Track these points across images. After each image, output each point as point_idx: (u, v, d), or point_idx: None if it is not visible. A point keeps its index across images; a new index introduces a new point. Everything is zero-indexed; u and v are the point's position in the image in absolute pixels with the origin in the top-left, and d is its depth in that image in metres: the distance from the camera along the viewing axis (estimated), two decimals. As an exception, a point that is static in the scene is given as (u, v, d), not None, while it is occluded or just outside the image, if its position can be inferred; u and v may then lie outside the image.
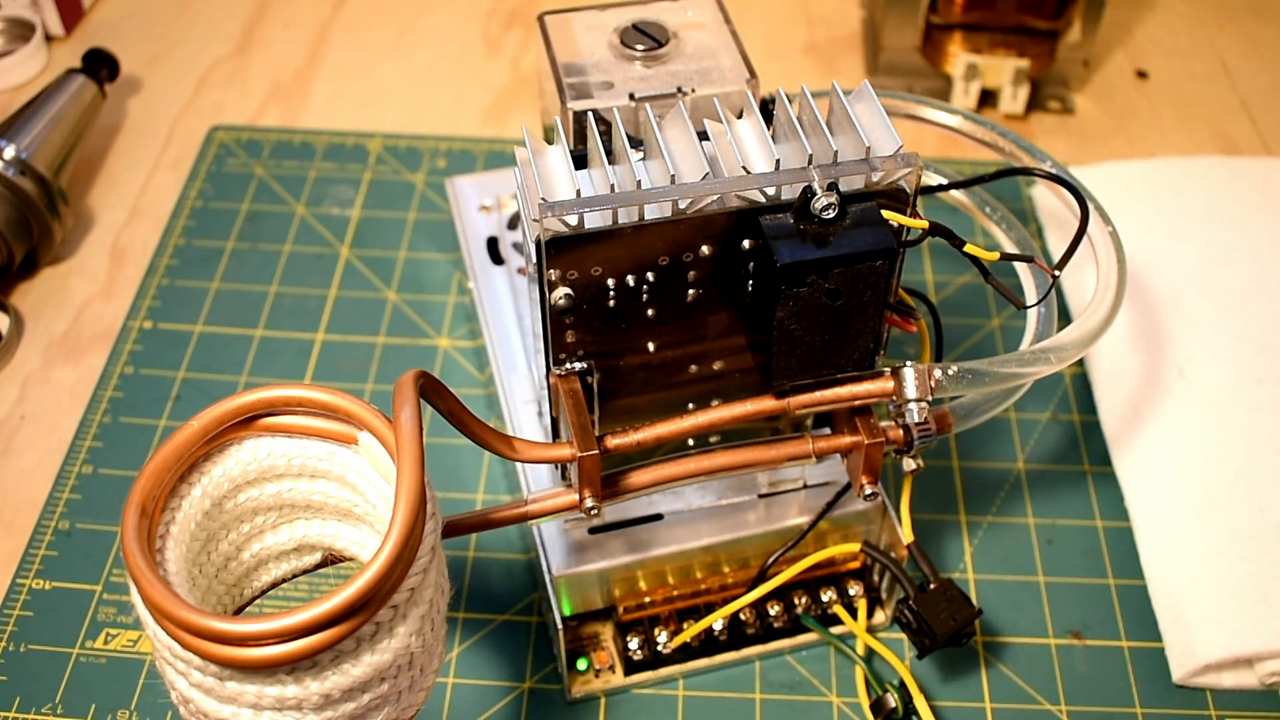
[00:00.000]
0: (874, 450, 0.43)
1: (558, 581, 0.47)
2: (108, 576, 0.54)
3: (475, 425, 0.38)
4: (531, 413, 0.53)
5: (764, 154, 0.40)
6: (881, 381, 0.42)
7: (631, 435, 0.42)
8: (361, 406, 0.34)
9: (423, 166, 0.73)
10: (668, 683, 0.51)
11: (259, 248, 0.68)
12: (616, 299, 0.40)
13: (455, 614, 0.53)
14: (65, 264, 0.68)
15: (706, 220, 0.39)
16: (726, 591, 0.51)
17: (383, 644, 0.32)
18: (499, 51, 0.82)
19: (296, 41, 0.83)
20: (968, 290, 0.66)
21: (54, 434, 0.60)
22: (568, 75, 0.43)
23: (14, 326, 0.64)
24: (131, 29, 0.83)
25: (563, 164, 0.40)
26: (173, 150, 0.75)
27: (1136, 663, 0.51)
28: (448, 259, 0.67)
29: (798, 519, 0.49)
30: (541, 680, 0.51)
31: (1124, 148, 0.75)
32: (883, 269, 0.38)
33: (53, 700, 0.50)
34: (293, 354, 0.63)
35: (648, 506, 0.49)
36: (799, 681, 0.51)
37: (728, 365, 0.44)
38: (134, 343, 0.63)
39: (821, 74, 0.80)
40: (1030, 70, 0.74)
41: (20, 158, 0.64)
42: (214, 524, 0.36)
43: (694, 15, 0.45)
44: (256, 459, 0.35)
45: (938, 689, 0.50)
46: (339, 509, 0.37)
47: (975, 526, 0.56)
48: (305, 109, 0.78)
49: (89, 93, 0.70)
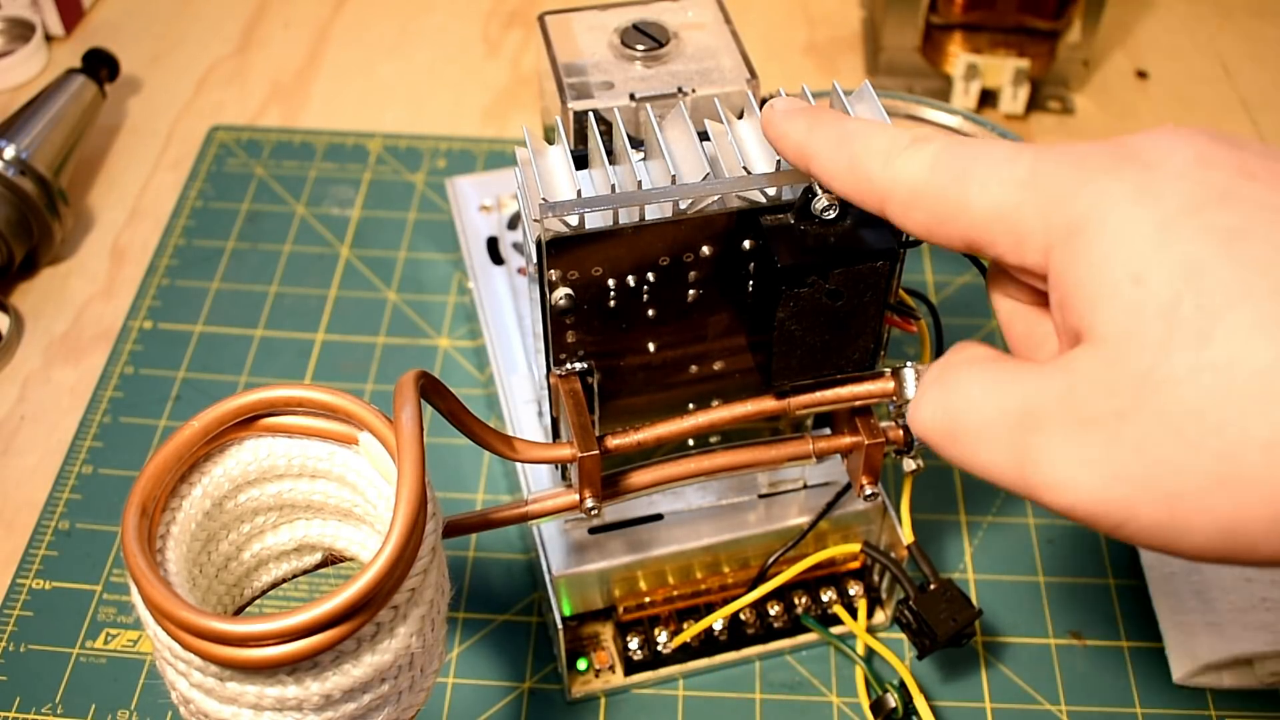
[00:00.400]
0: (874, 450, 0.43)
1: (558, 581, 0.47)
2: (108, 576, 0.54)
3: (475, 425, 0.38)
4: (531, 413, 0.53)
5: (765, 154, 0.40)
6: (882, 382, 0.42)
7: (632, 435, 0.42)
8: (362, 406, 0.34)
9: (423, 166, 0.73)
10: (668, 683, 0.51)
11: (259, 248, 0.68)
12: (617, 299, 0.40)
13: (455, 614, 0.53)
14: (65, 264, 0.68)
15: (707, 220, 0.39)
16: (726, 591, 0.51)
17: (383, 644, 0.32)
18: (499, 51, 0.82)
19: (296, 41, 0.83)
20: (968, 290, 0.66)
21: (54, 434, 0.60)
22: (568, 75, 0.43)
23: (14, 326, 0.64)
24: (131, 29, 0.83)
25: (563, 164, 0.40)
26: (173, 150, 0.75)
27: (1136, 663, 0.51)
28: (448, 259, 0.68)
29: (798, 519, 0.49)
30: (541, 680, 0.51)
31: (1124, 148, 0.75)
32: (883, 269, 0.38)
33: (53, 700, 0.50)
34: (293, 354, 0.63)
35: (648, 506, 0.49)
36: (799, 681, 0.51)
37: (728, 365, 0.44)
38: (134, 343, 0.63)
39: (822, 74, 0.80)
40: (1030, 70, 0.74)
41: (20, 158, 0.64)
42: (214, 524, 0.36)
43: (694, 15, 0.45)
44: (257, 459, 0.35)
45: (938, 689, 0.50)
46: (339, 509, 0.37)
47: (975, 527, 0.56)
48: (305, 109, 0.78)
49: (89, 93, 0.70)
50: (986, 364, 0.31)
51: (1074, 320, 0.28)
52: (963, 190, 0.31)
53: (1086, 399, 0.27)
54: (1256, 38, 0.83)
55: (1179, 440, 0.26)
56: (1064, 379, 0.28)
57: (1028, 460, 0.29)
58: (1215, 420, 0.25)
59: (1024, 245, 0.29)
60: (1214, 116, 0.77)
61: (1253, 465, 0.25)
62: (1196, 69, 0.81)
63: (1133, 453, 0.27)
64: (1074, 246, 0.28)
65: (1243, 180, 0.27)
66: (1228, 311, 0.26)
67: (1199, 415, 0.25)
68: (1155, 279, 0.27)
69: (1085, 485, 0.27)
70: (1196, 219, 0.27)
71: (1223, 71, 0.80)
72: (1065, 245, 0.28)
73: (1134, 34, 0.83)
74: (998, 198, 0.30)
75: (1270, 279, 0.26)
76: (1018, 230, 0.29)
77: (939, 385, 0.32)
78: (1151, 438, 0.26)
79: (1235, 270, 0.26)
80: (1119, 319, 0.27)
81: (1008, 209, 0.30)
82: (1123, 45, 0.82)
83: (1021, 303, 0.34)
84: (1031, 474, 0.29)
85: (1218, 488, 0.25)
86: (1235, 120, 0.77)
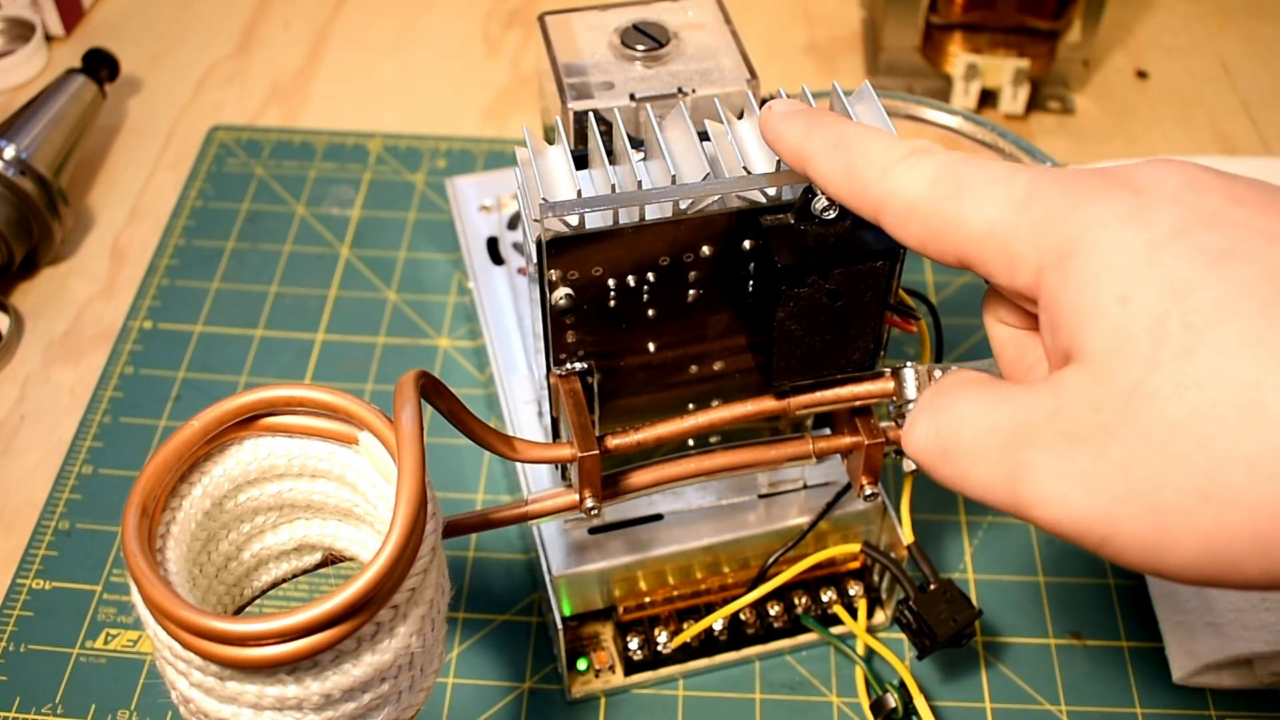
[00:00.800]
0: (874, 451, 0.43)
1: (558, 581, 0.47)
2: (108, 576, 0.54)
3: (475, 425, 0.38)
4: (531, 413, 0.53)
5: (765, 154, 0.40)
6: (882, 382, 0.42)
7: (632, 435, 0.42)
8: (362, 406, 0.34)
9: (423, 166, 0.73)
10: (668, 683, 0.51)
11: (259, 248, 0.68)
12: (617, 299, 0.40)
13: (455, 614, 0.53)
14: (65, 264, 0.68)
15: (707, 220, 0.39)
16: (726, 591, 0.51)
17: (383, 644, 0.32)
18: (499, 51, 0.82)
19: (296, 41, 0.83)
20: (968, 290, 0.66)
21: (54, 434, 0.60)
22: (568, 75, 0.43)
23: (14, 326, 0.64)
24: (131, 29, 0.83)
25: (563, 164, 0.40)
26: (173, 150, 0.75)
27: (1136, 663, 0.51)
28: (448, 259, 0.68)
29: (798, 519, 0.49)
30: (541, 680, 0.51)
31: (1124, 148, 0.75)
32: (883, 270, 0.38)
33: (53, 700, 0.50)
34: (293, 354, 0.63)
35: (648, 506, 0.49)
36: (799, 681, 0.51)
37: (728, 365, 0.44)
38: (134, 343, 0.63)
39: (822, 74, 0.80)
40: (1030, 70, 0.74)
41: (20, 158, 0.64)
42: (214, 524, 0.36)
43: (694, 15, 0.45)
44: (257, 459, 0.35)
45: (938, 689, 0.50)
46: (339, 509, 0.37)
47: (975, 527, 0.56)
48: (305, 109, 0.78)
49: (89, 93, 0.70)
50: (978, 386, 0.31)
51: (1064, 341, 0.28)
52: (958, 207, 0.31)
53: (1074, 415, 0.28)
54: (1256, 38, 0.83)
55: (1164, 455, 0.26)
56: (1052, 397, 0.28)
57: (1017, 477, 0.29)
58: (1200, 436, 0.25)
59: (1016, 266, 0.30)
60: (1214, 116, 0.77)
61: (1236, 481, 0.25)
62: (1196, 69, 0.81)
63: (1118, 468, 0.27)
64: (1065, 269, 0.28)
65: (1231, 205, 0.28)
66: (1214, 328, 0.26)
67: (1184, 431, 0.25)
68: (1143, 298, 0.27)
69: (1072, 500, 0.27)
70: (1186, 240, 0.27)
71: (1223, 71, 0.80)
72: (1056, 268, 0.29)
73: (1134, 34, 0.83)
74: (992, 216, 0.30)
75: (1257, 297, 0.26)
76: (1010, 250, 0.30)
77: (931, 408, 0.32)
78: (1137, 453, 0.26)
79: (1223, 289, 0.26)
80: (1106, 337, 0.27)
81: (1002, 229, 0.30)
82: (1123, 45, 0.82)
83: (1014, 327, 0.34)
84: (1021, 490, 0.29)
85: (1202, 503, 0.25)
86: (1235, 120, 0.77)
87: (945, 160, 0.32)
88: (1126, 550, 0.27)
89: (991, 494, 0.30)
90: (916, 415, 0.33)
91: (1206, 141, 0.75)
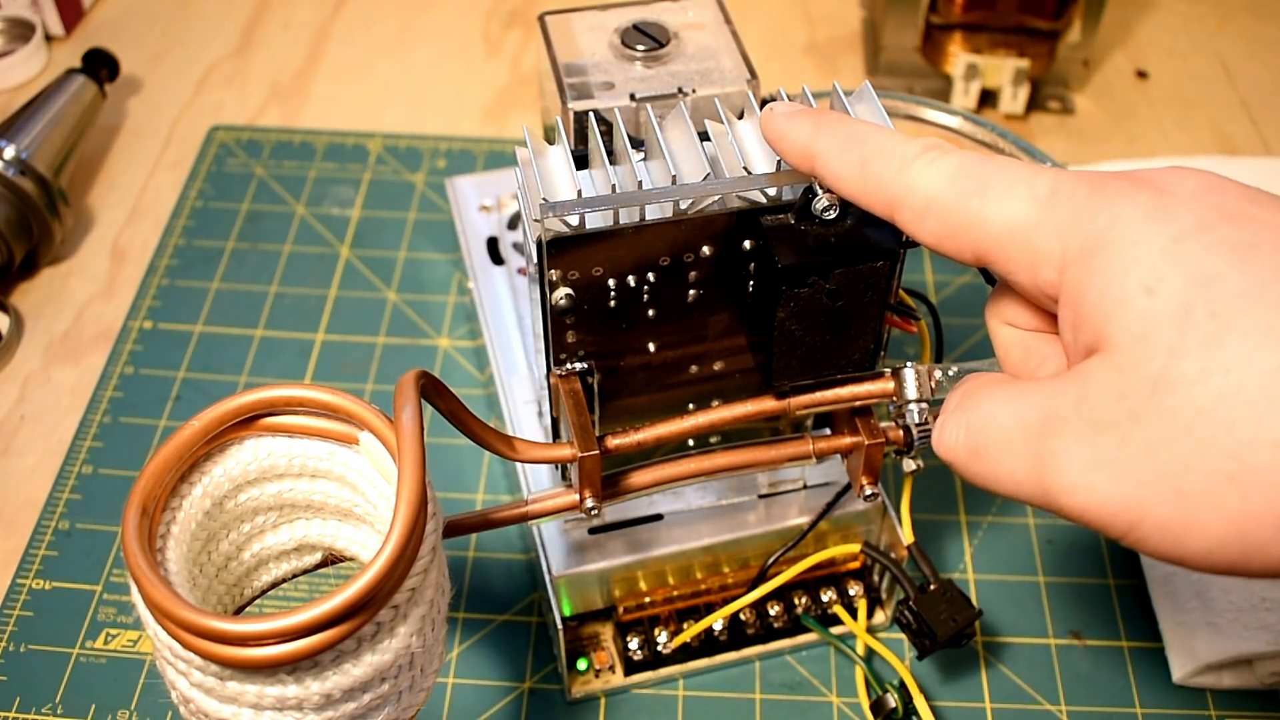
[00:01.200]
0: (874, 451, 0.43)
1: (558, 581, 0.47)
2: (108, 576, 0.54)
3: (475, 425, 0.38)
4: (531, 413, 0.53)
5: (765, 154, 0.40)
6: (882, 382, 0.42)
7: (632, 435, 0.42)
8: (362, 406, 0.34)
9: (423, 166, 0.73)
10: (668, 683, 0.51)
11: (259, 248, 0.68)
12: (617, 299, 0.40)
13: (455, 614, 0.53)
14: (65, 264, 0.68)
15: (707, 221, 0.39)
16: (726, 592, 0.51)
17: (384, 644, 0.32)
18: (499, 51, 0.82)
19: (296, 41, 0.83)
20: (968, 290, 0.66)
21: (54, 434, 0.60)
22: (568, 75, 0.43)
23: (14, 326, 0.64)
24: (131, 29, 0.83)
25: (564, 164, 0.40)
26: (173, 150, 0.75)
27: (1136, 663, 0.51)
28: (448, 259, 0.68)
29: (798, 519, 0.49)
30: (541, 680, 0.51)
31: (1124, 147, 0.75)
32: (884, 270, 0.38)
33: (53, 700, 0.50)
34: (293, 354, 0.63)
35: (648, 506, 0.49)
36: (799, 681, 0.51)
37: (728, 365, 0.44)
38: (134, 343, 0.63)
39: (822, 74, 0.80)
40: (1030, 70, 0.74)
41: (20, 158, 0.64)
42: (214, 524, 0.36)
43: (694, 15, 0.45)
44: (257, 459, 0.35)
45: (938, 689, 0.50)
46: (339, 509, 0.37)
47: (975, 527, 0.56)
48: (305, 109, 0.78)
49: (89, 93, 0.70)
50: (1004, 384, 0.32)
51: (1087, 335, 0.29)
52: (981, 203, 0.31)
53: (1099, 403, 0.28)
54: (1256, 38, 0.83)
55: (1189, 439, 0.26)
56: (1078, 387, 0.29)
57: (1045, 467, 0.29)
58: (1225, 419, 0.26)
59: (1039, 263, 0.30)
60: (1214, 116, 0.77)
61: (1262, 463, 0.25)
62: (1196, 69, 0.81)
63: (1144, 453, 0.27)
64: (1090, 264, 0.29)
65: (1250, 204, 0.28)
66: (1240, 317, 0.26)
67: (1209, 414, 0.26)
68: (1168, 288, 0.27)
69: (1099, 487, 0.28)
70: (1209, 234, 0.28)
71: (1223, 71, 0.80)
72: (1081, 263, 0.29)
73: (1134, 34, 0.83)
74: (1015, 213, 0.30)
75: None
76: (1033, 247, 0.30)
77: (960, 409, 0.33)
78: (1163, 437, 0.27)
79: (1247, 280, 0.26)
80: (1132, 327, 0.27)
81: (1025, 226, 0.30)
82: (1123, 45, 0.82)
83: (1020, 329, 0.34)
84: (1049, 480, 0.29)
85: (1228, 486, 0.26)
86: (1235, 120, 0.77)
87: (966, 157, 0.32)
88: (1152, 536, 0.27)
89: (1021, 487, 0.30)
90: (945, 419, 0.33)
91: (1206, 141, 0.75)
